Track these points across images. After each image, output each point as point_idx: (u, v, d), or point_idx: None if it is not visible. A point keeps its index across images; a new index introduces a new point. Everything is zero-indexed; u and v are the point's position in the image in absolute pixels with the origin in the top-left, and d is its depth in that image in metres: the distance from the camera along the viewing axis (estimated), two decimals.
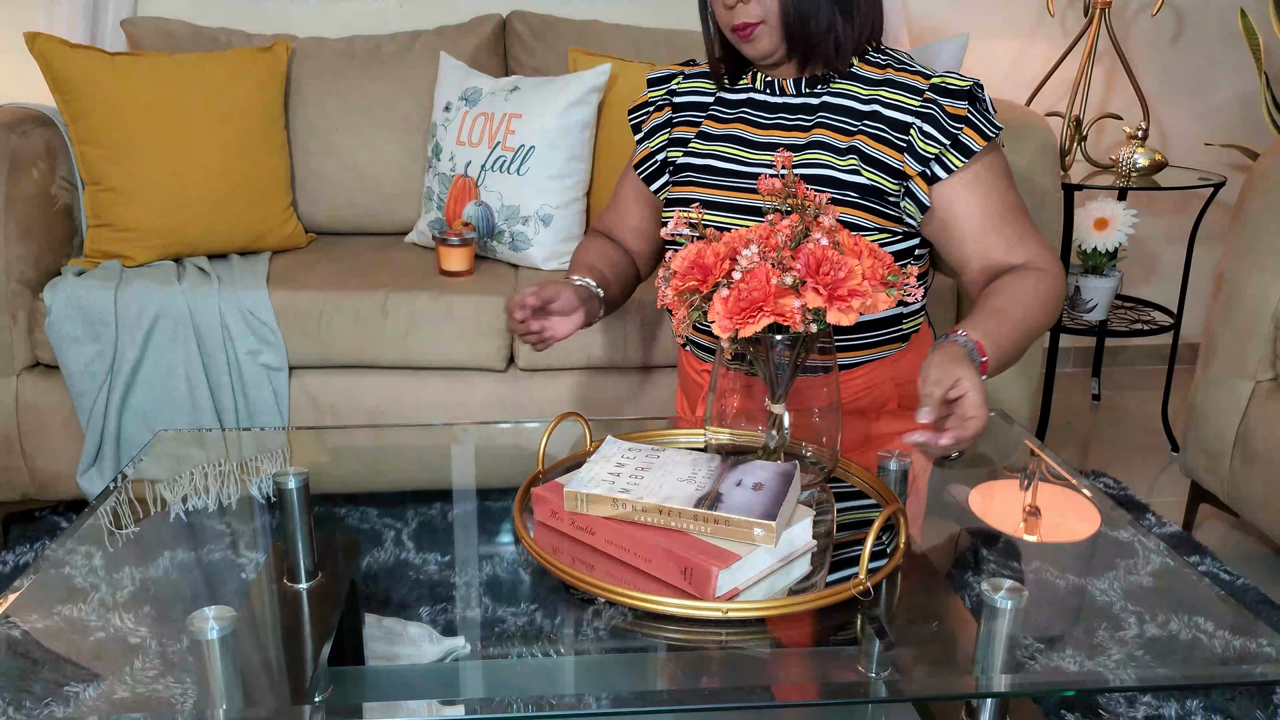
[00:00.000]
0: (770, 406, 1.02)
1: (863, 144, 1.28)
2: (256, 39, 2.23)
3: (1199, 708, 1.44)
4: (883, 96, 1.28)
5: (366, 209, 2.21)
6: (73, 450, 1.84)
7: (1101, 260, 2.36)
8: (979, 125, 1.26)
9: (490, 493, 1.21)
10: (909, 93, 1.28)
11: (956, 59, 1.96)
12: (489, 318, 1.81)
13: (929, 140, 1.25)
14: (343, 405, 1.84)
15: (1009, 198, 1.29)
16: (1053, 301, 1.24)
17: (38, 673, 0.82)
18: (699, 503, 0.93)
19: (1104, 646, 0.87)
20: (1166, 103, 2.74)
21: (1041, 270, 1.25)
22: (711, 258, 0.96)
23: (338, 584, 0.98)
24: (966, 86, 1.27)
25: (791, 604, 0.90)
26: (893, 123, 1.27)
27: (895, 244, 1.29)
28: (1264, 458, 1.72)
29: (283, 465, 1.24)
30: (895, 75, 1.29)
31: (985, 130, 1.26)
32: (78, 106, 1.88)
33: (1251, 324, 1.77)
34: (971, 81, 1.27)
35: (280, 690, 0.83)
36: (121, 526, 1.07)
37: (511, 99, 2.01)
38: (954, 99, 1.26)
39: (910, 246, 1.32)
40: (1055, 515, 1.14)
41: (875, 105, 1.28)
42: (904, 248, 1.31)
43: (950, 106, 1.26)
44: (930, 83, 1.28)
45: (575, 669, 0.88)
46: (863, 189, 1.26)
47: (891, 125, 1.27)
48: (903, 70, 1.30)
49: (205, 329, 1.78)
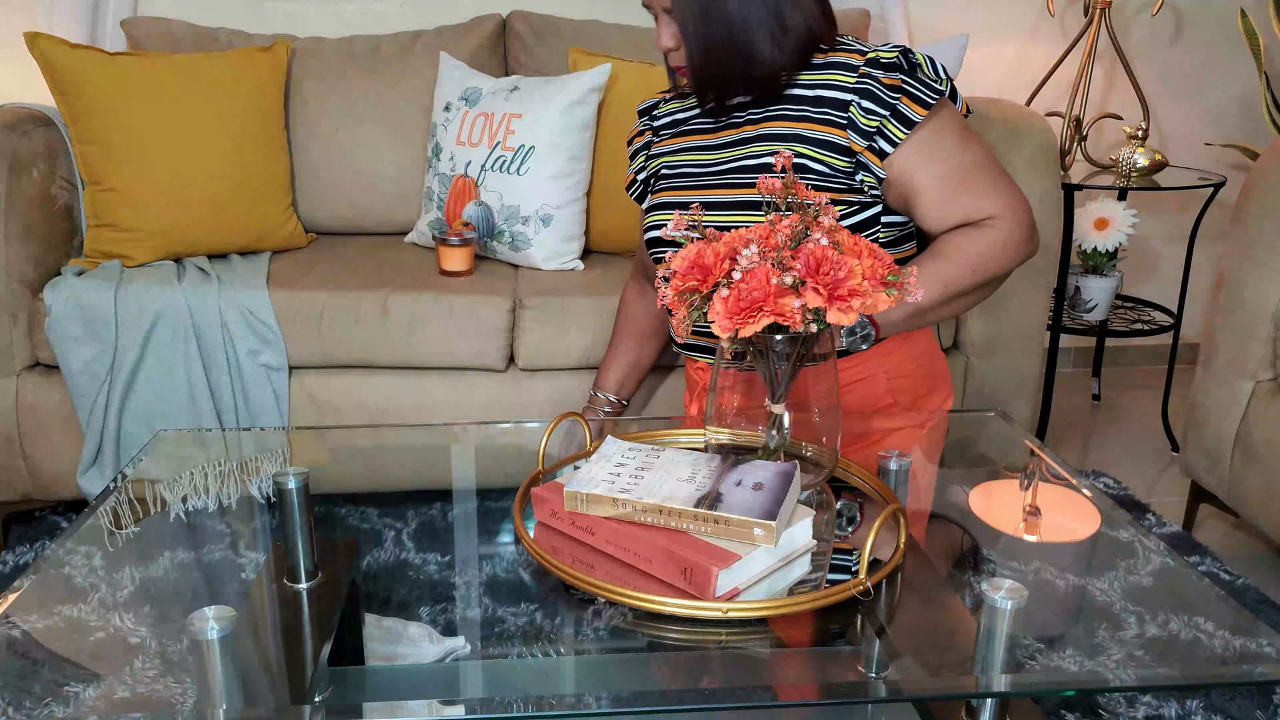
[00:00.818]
0: (770, 406, 1.02)
1: (804, 129, 1.30)
2: (256, 39, 2.23)
3: (1199, 708, 1.44)
4: (824, 80, 1.31)
5: (366, 209, 2.21)
6: (73, 450, 1.84)
7: (1101, 260, 2.36)
8: (915, 93, 1.27)
9: (490, 493, 1.21)
10: (846, 71, 1.30)
11: (957, 59, 1.96)
12: (489, 318, 1.81)
13: (870, 115, 1.27)
14: (343, 405, 1.84)
15: (964, 157, 1.29)
16: (997, 251, 1.27)
17: (38, 673, 0.82)
18: (699, 503, 0.93)
19: (1104, 646, 0.87)
20: (1166, 103, 2.74)
21: (992, 226, 1.27)
22: (711, 258, 0.96)
23: (338, 584, 0.98)
24: (894, 57, 1.28)
25: (791, 604, 0.90)
26: (834, 102, 1.29)
27: (854, 215, 1.31)
28: (1264, 458, 1.72)
29: (283, 465, 1.24)
30: (834, 56, 1.32)
31: (924, 97, 1.27)
32: (78, 106, 1.88)
33: (1251, 324, 1.77)
34: (898, 50, 1.29)
35: (280, 690, 0.83)
36: (121, 526, 1.07)
37: (511, 99, 2.01)
38: (887, 71, 1.28)
39: (874, 215, 1.33)
40: (1055, 515, 1.14)
41: (818, 90, 1.31)
42: (866, 217, 1.32)
43: (885, 78, 1.28)
44: (865, 58, 1.30)
45: (575, 669, 0.88)
46: (815, 172, 1.29)
47: (833, 105, 1.29)
48: (840, 50, 1.32)
49: (205, 329, 1.78)
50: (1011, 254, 1.28)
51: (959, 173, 1.28)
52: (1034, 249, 1.31)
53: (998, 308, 1.89)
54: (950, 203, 1.28)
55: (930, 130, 1.28)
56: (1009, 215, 1.28)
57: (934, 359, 1.47)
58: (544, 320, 1.82)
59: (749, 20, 1.26)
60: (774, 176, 1.00)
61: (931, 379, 1.45)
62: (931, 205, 1.29)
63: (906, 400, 1.42)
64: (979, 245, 1.27)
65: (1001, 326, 1.91)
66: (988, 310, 1.90)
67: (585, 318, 1.82)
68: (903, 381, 1.41)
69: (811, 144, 1.30)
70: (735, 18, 1.26)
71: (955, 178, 1.28)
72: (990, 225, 1.28)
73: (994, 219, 1.28)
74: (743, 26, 1.26)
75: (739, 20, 1.26)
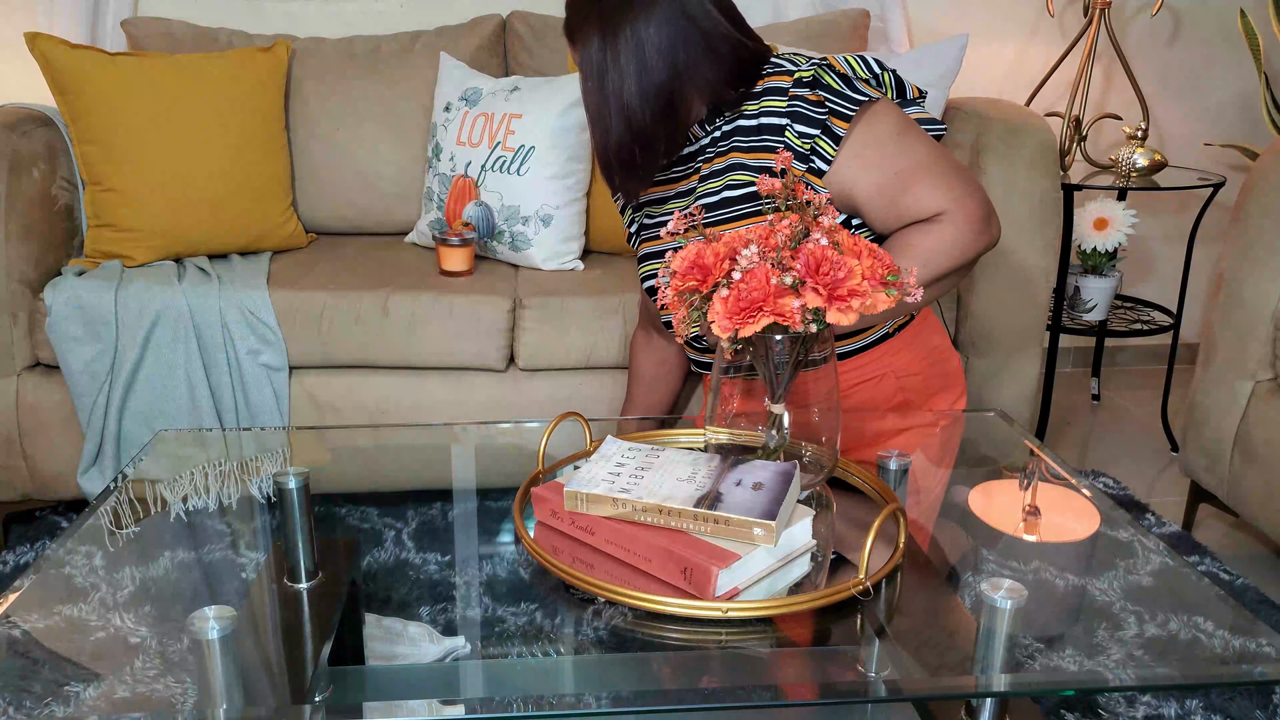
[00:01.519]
0: (770, 406, 1.02)
1: (750, 159, 1.30)
2: (256, 39, 2.23)
3: (1199, 708, 1.44)
4: (761, 108, 1.30)
5: (367, 209, 2.21)
6: (73, 450, 1.84)
7: (1101, 260, 2.36)
8: (839, 108, 1.26)
9: (490, 493, 1.21)
10: (778, 96, 1.29)
11: (956, 59, 1.96)
12: (489, 318, 1.81)
13: (803, 138, 1.26)
14: (343, 405, 1.84)
15: (902, 161, 1.26)
16: (946, 245, 1.24)
17: (38, 673, 0.82)
18: (699, 502, 0.93)
19: (1104, 646, 0.87)
20: (1166, 103, 2.74)
21: (939, 222, 1.24)
22: (711, 258, 0.96)
23: (338, 584, 0.98)
24: (812, 75, 1.27)
25: (791, 604, 0.90)
26: (772, 129, 1.29)
27: None
28: (1264, 458, 1.72)
29: (283, 465, 1.24)
30: (769, 81, 1.30)
31: (846, 110, 1.25)
32: (78, 106, 1.88)
33: (1251, 324, 1.77)
34: (813, 67, 1.27)
35: (280, 690, 0.83)
36: (121, 526, 1.07)
37: (512, 99, 2.01)
38: (812, 88, 1.27)
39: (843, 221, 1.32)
40: (1055, 515, 1.14)
41: (759, 119, 1.30)
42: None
43: (811, 95, 1.26)
44: (793, 78, 1.28)
45: (575, 669, 0.88)
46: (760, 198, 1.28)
47: (772, 131, 1.29)
48: (773, 74, 1.31)
49: (206, 329, 1.78)
50: (963, 247, 1.24)
51: (898, 178, 1.25)
52: (992, 238, 1.27)
53: (998, 308, 1.89)
54: (893, 207, 1.26)
55: (860, 143, 1.26)
56: (956, 209, 1.24)
57: (945, 357, 1.45)
58: (544, 320, 1.82)
59: (655, 120, 1.26)
60: (774, 176, 1.00)
61: (943, 377, 1.44)
62: (875, 214, 1.27)
63: (918, 399, 1.41)
64: (927, 241, 1.23)
65: (1001, 326, 1.91)
66: (988, 310, 1.90)
67: (585, 318, 1.82)
68: (912, 380, 1.40)
69: (759, 172, 1.29)
70: (639, 120, 1.26)
71: (894, 184, 1.26)
72: (938, 221, 1.24)
73: (942, 215, 1.24)
74: (648, 128, 1.27)
75: (645, 123, 1.26)
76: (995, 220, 1.27)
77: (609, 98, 1.26)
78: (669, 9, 1.24)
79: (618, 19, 1.23)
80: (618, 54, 1.24)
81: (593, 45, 1.25)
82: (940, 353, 1.44)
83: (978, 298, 1.90)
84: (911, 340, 1.40)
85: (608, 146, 1.29)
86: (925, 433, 1.36)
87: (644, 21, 1.23)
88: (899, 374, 1.39)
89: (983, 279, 1.89)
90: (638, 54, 1.23)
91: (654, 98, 1.25)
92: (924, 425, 1.37)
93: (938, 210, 1.24)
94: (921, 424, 1.37)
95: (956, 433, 1.39)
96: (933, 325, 1.45)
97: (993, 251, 1.86)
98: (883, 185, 1.26)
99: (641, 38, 1.23)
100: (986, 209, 1.26)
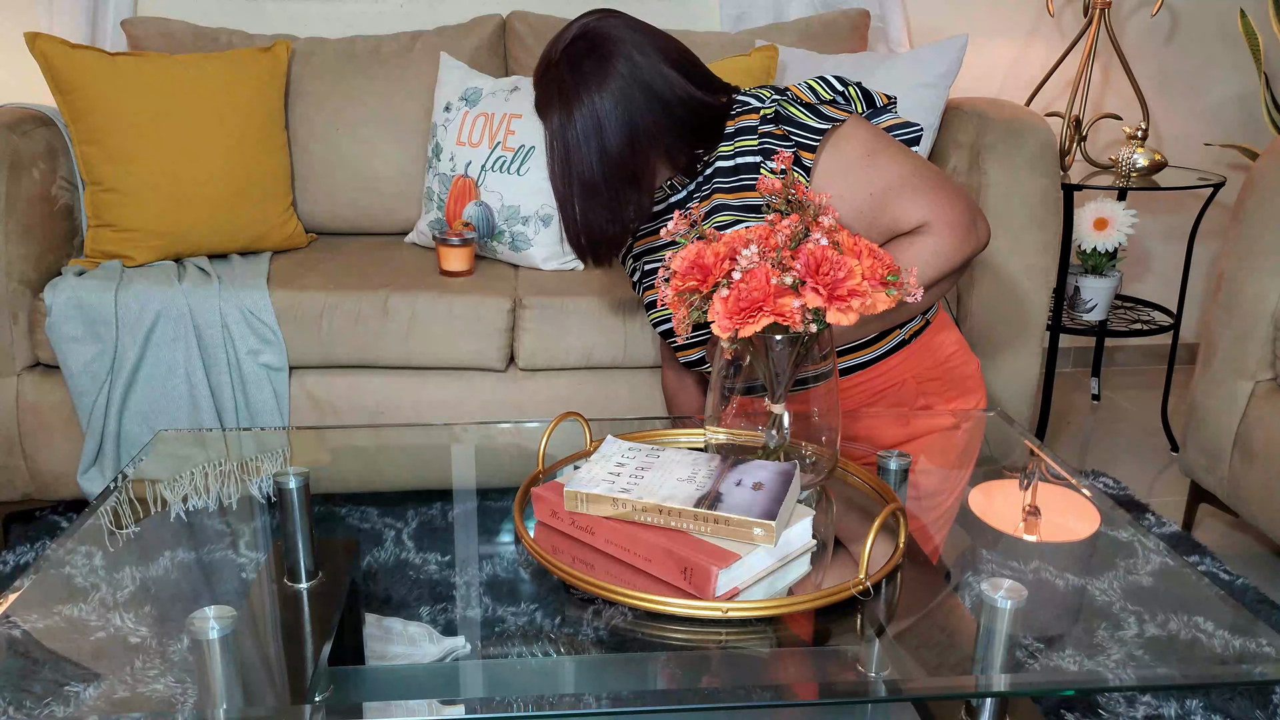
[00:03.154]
0: (770, 406, 1.02)
1: (733, 200, 1.30)
2: (256, 39, 2.23)
3: (1199, 708, 1.44)
4: (735, 148, 1.31)
5: (367, 209, 2.21)
6: (73, 450, 1.84)
7: (1101, 260, 2.36)
8: (803, 139, 1.26)
9: (490, 493, 1.21)
10: (749, 135, 1.30)
11: (956, 59, 1.96)
12: (489, 318, 1.81)
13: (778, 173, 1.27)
14: (343, 405, 1.84)
15: (875, 181, 1.26)
16: (927, 255, 1.24)
17: (38, 673, 0.82)
18: (699, 502, 0.93)
19: (1104, 646, 0.87)
20: (1166, 103, 2.74)
21: (922, 233, 1.24)
22: (711, 258, 0.96)
23: (338, 584, 0.98)
24: (773, 110, 1.27)
25: (791, 604, 0.90)
26: (748, 168, 1.29)
27: None
28: (1263, 458, 1.72)
29: (283, 465, 1.24)
30: (740, 121, 1.31)
31: (809, 141, 1.26)
32: (78, 106, 1.88)
33: (1251, 324, 1.77)
34: (774, 100, 1.28)
35: (280, 690, 0.83)
36: (121, 526, 1.07)
37: (512, 99, 2.01)
38: (777, 123, 1.28)
39: None
40: (1055, 515, 1.14)
41: (735, 159, 1.31)
42: None
43: (777, 130, 1.27)
44: (760, 115, 1.29)
45: (575, 669, 0.88)
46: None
47: (748, 170, 1.29)
48: (741, 113, 1.31)
49: (206, 329, 1.78)
50: (948, 255, 1.24)
51: (873, 200, 1.26)
52: (979, 241, 1.27)
53: (998, 308, 1.89)
54: (874, 227, 1.26)
55: (828, 170, 1.26)
56: (936, 219, 1.24)
57: (964, 360, 1.45)
58: (544, 320, 1.82)
59: (617, 190, 1.27)
60: (773, 176, 1.00)
61: (962, 381, 1.44)
62: (864, 230, 1.27)
63: (940, 404, 1.41)
64: (910, 253, 1.24)
65: (1001, 326, 1.91)
66: (988, 310, 1.90)
67: (585, 318, 1.82)
68: (933, 385, 1.40)
69: (742, 211, 1.30)
70: (602, 194, 1.27)
71: (870, 205, 1.26)
72: (920, 232, 1.25)
73: (924, 226, 1.25)
74: (612, 200, 1.27)
75: (607, 196, 1.27)
76: (982, 223, 1.27)
77: (573, 176, 1.27)
78: (623, 80, 1.24)
79: (575, 94, 1.24)
80: (576, 130, 1.25)
81: (554, 124, 1.27)
82: (958, 357, 1.44)
83: (978, 298, 1.90)
84: (929, 345, 1.40)
85: (576, 223, 1.30)
86: (947, 437, 1.36)
87: (598, 94, 1.24)
88: (921, 379, 1.39)
89: (983, 279, 1.89)
90: (596, 128, 1.24)
91: (615, 170, 1.26)
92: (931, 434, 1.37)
93: (919, 223, 1.24)
94: (929, 432, 1.37)
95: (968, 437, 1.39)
96: (947, 333, 1.45)
97: (993, 251, 1.86)
98: (860, 208, 1.26)
99: (598, 111, 1.24)
100: (970, 214, 1.26)
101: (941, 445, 1.34)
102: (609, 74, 1.23)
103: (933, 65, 1.96)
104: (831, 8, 2.42)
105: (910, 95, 1.95)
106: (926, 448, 1.31)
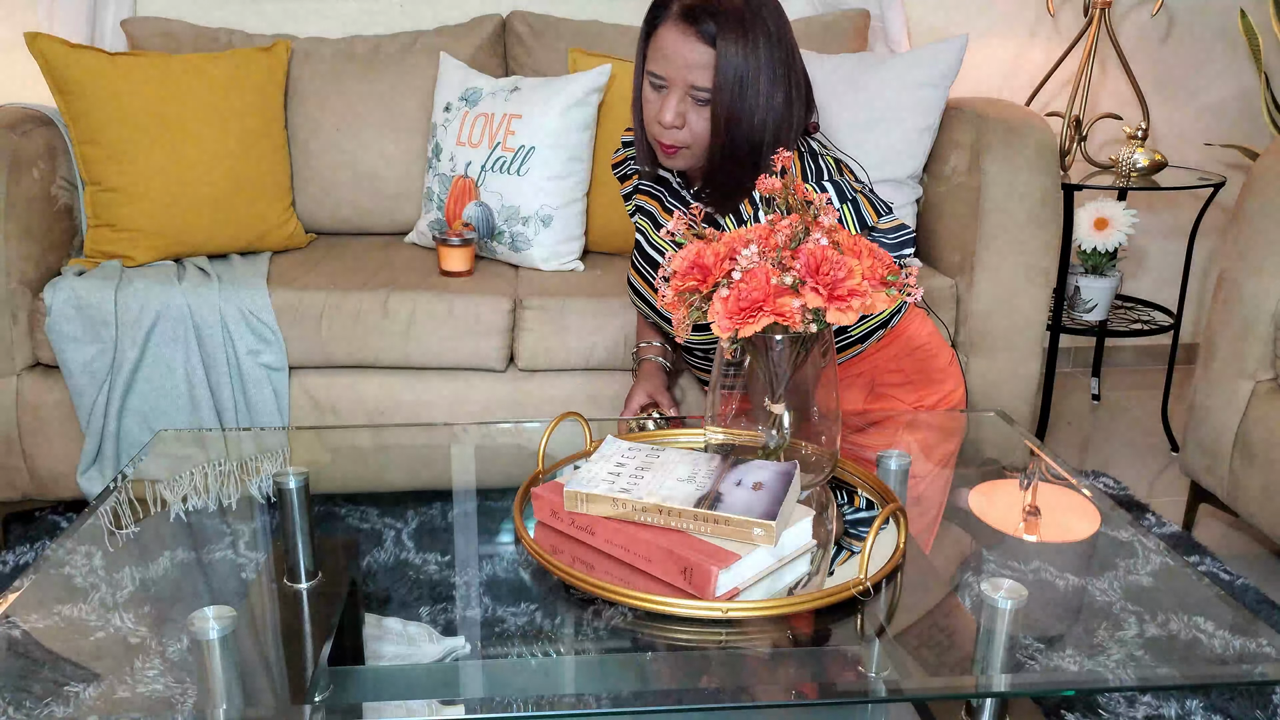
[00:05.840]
0: (770, 406, 1.02)
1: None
2: (256, 39, 2.23)
3: (1199, 708, 1.44)
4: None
5: (367, 209, 2.21)
6: (73, 450, 1.84)
7: (1101, 260, 2.36)
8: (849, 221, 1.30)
9: (490, 493, 1.21)
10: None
11: (956, 59, 1.96)
12: (489, 318, 1.81)
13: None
14: (343, 405, 1.84)
15: None
16: None
17: (38, 673, 0.82)
18: (699, 502, 0.93)
19: (1104, 646, 0.87)
20: (1166, 103, 2.74)
21: None
22: (711, 258, 0.96)
23: (338, 584, 0.98)
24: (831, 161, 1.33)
25: (791, 604, 0.90)
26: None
27: None
28: (1263, 458, 1.72)
29: (283, 465, 1.24)
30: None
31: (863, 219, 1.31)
32: (78, 106, 1.88)
33: (1251, 324, 1.77)
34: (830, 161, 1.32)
35: (280, 690, 0.83)
36: (121, 526, 1.07)
37: (512, 99, 2.01)
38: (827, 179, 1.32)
39: None
40: (1055, 515, 1.14)
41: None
42: None
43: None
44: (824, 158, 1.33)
45: (575, 669, 0.88)
46: None
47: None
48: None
49: (205, 329, 1.78)
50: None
51: None
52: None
53: (998, 308, 1.89)
54: None
55: None
56: None
57: (935, 352, 1.46)
58: (544, 320, 1.82)
59: (772, 119, 1.28)
60: (774, 176, 1.00)
61: (935, 371, 1.44)
62: None
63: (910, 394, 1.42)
64: None
65: (1001, 326, 1.91)
66: (988, 310, 1.90)
67: (585, 318, 1.82)
68: (900, 375, 1.42)
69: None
70: (761, 119, 1.27)
71: None
72: None
73: None
74: (768, 126, 1.27)
75: (766, 119, 1.27)
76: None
77: (749, 108, 1.26)
78: (791, 42, 1.29)
79: (768, 41, 1.26)
80: (758, 72, 1.25)
81: (745, 51, 1.25)
82: (927, 349, 1.45)
83: (978, 298, 1.90)
84: (891, 339, 1.41)
85: (724, 151, 1.29)
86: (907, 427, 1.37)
87: (783, 50, 1.27)
88: (869, 376, 1.41)
89: (983, 279, 1.89)
90: (776, 80, 1.26)
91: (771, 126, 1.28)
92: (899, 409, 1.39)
93: None
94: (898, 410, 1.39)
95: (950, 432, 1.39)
96: (918, 325, 1.45)
97: (993, 251, 1.86)
98: None
99: (778, 64, 1.26)
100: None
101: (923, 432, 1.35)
102: (785, 28, 1.28)
103: (932, 65, 1.96)
104: (831, 8, 2.42)
105: (910, 95, 1.95)
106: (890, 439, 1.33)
